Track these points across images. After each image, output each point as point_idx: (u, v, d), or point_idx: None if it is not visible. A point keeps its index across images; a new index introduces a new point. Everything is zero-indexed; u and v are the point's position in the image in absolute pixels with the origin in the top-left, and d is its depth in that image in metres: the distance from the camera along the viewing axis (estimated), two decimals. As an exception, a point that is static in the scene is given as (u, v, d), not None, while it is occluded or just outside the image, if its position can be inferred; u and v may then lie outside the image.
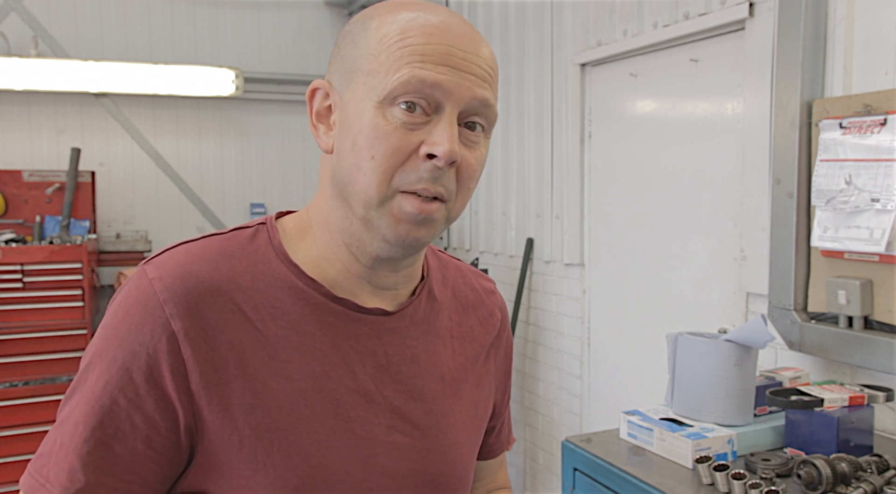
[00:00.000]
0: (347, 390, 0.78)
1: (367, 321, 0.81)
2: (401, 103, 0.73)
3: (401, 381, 0.82)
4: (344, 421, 0.77)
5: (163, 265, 0.75)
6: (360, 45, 0.77)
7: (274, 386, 0.74)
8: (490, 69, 0.77)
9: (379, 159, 0.73)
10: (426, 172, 0.73)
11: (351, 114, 0.76)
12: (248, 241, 0.80)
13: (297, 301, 0.77)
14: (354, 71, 0.76)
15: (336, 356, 0.78)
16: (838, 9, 1.84)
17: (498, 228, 3.66)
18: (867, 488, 1.35)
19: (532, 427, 3.46)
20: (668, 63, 2.51)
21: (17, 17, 3.82)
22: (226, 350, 0.73)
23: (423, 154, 0.73)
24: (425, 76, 0.72)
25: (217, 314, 0.74)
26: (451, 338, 0.89)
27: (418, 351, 0.84)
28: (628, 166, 2.73)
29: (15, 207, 3.84)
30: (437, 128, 0.73)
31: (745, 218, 2.16)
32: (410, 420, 0.82)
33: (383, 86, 0.73)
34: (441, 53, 0.73)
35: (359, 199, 0.75)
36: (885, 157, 1.66)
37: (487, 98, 0.76)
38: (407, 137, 0.73)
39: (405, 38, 0.73)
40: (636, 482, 1.52)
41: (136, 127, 4.22)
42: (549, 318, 3.29)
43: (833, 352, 1.81)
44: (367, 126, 0.73)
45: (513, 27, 3.43)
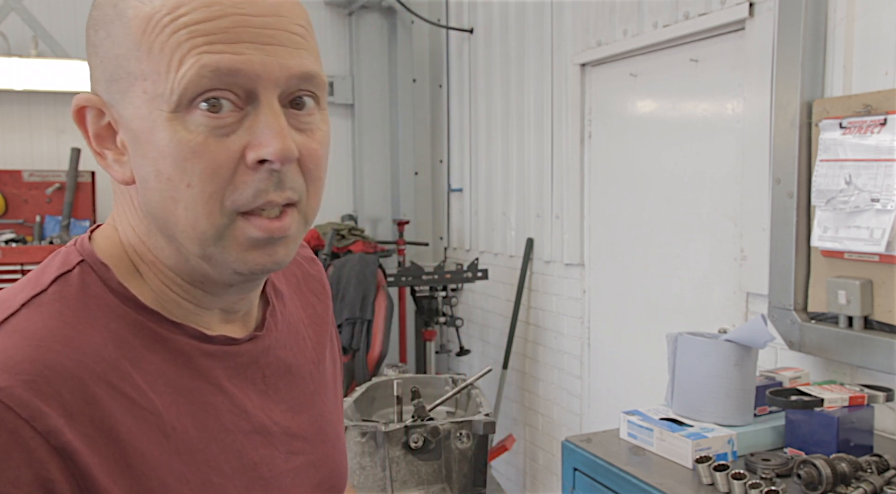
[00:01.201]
0: (244, 434, 0.67)
1: (243, 351, 0.69)
2: (200, 105, 0.57)
3: (282, 400, 0.73)
4: (252, 471, 0.67)
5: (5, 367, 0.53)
6: (120, 40, 0.59)
7: (178, 467, 0.60)
8: (301, 28, 0.61)
9: (198, 185, 0.57)
10: (263, 182, 0.59)
11: (140, 134, 0.59)
12: (81, 295, 0.61)
13: (167, 354, 0.63)
14: (123, 76, 0.59)
15: (225, 402, 0.66)
16: (838, 9, 1.84)
17: (498, 228, 3.66)
18: (867, 488, 1.35)
19: (532, 427, 3.46)
20: (668, 63, 2.51)
21: (17, 17, 3.82)
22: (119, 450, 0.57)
23: (252, 161, 0.58)
24: (219, 62, 0.56)
25: (99, 408, 0.56)
26: (305, 327, 0.81)
27: (289, 360, 0.75)
28: (628, 166, 2.73)
29: (15, 207, 3.84)
30: (257, 125, 0.58)
31: (745, 218, 2.16)
32: (300, 436, 0.74)
33: (169, 90, 0.56)
34: (231, 26, 0.56)
35: (189, 237, 0.60)
36: (885, 157, 1.66)
37: (307, 69, 0.60)
38: (222, 146, 0.58)
39: (178, 18, 0.56)
40: (636, 482, 1.52)
41: (136, 127, 4.22)
42: (549, 318, 3.29)
43: (833, 352, 1.80)
44: (165, 147, 0.57)
45: (513, 27, 3.43)
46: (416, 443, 1.83)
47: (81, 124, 0.64)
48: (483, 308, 3.88)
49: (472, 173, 3.93)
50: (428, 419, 1.94)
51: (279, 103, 0.59)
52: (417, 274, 3.44)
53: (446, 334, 4.12)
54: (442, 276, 3.47)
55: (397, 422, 1.94)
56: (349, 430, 1.86)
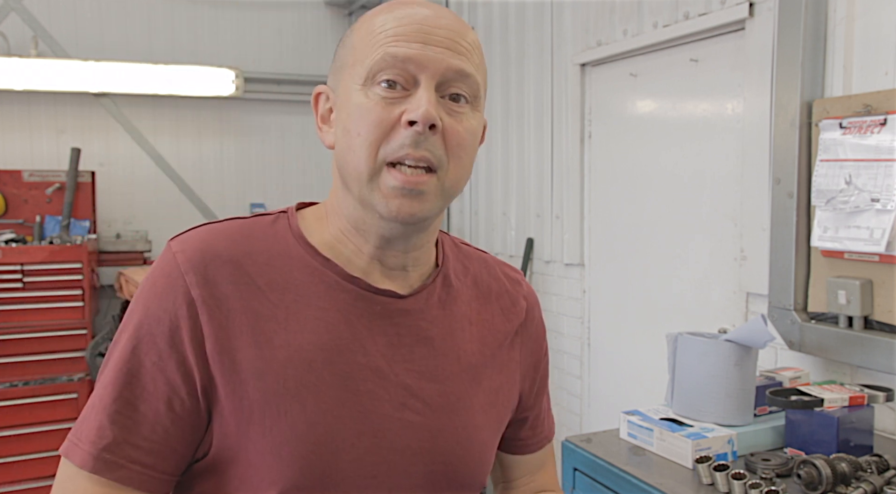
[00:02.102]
0: (358, 365, 0.80)
1: (379, 301, 0.83)
2: (381, 82, 0.77)
3: (413, 361, 0.84)
4: (352, 394, 0.79)
5: (186, 240, 0.81)
6: (347, 45, 0.84)
7: (283, 355, 0.77)
8: (468, 45, 0.81)
9: (364, 134, 0.77)
10: (408, 138, 0.76)
11: (342, 104, 0.81)
12: (268, 225, 0.85)
13: (311, 277, 0.81)
14: (343, 67, 0.83)
15: (347, 331, 0.81)
16: (838, 9, 1.84)
17: (498, 228, 3.66)
18: (867, 488, 1.35)
19: (532, 427, 3.46)
20: (668, 63, 2.51)
21: (17, 17, 3.83)
22: (239, 318, 0.77)
23: (405, 121, 0.76)
24: (396, 51, 0.77)
25: (232, 284, 0.78)
26: (469, 324, 0.91)
27: (432, 333, 0.86)
28: (628, 166, 2.73)
29: (15, 207, 3.84)
30: (414, 99, 0.77)
31: (745, 218, 2.16)
32: (423, 399, 0.83)
33: (363, 70, 0.78)
34: (412, 31, 0.78)
35: (354, 180, 0.79)
36: (885, 157, 1.66)
37: (463, 67, 0.79)
38: (388, 110, 0.77)
39: (384, 28, 0.79)
40: (636, 482, 1.52)
41: (136, 127, 4.22)
42: (548, 318, 3.29)
43: (833, 352, 1.80)
44: (353, 109, 0.78)
45: (513, 27, 3.43)
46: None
47: (315, 106, 0.87)
48: (483, 308, 3.87)
49: (472, 173, 3.92)
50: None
51: (438, 92, 0.78)
52: (417, 274, 3.44)
53: (446, 334, 4.12)
54: (442, 276, 3.47)
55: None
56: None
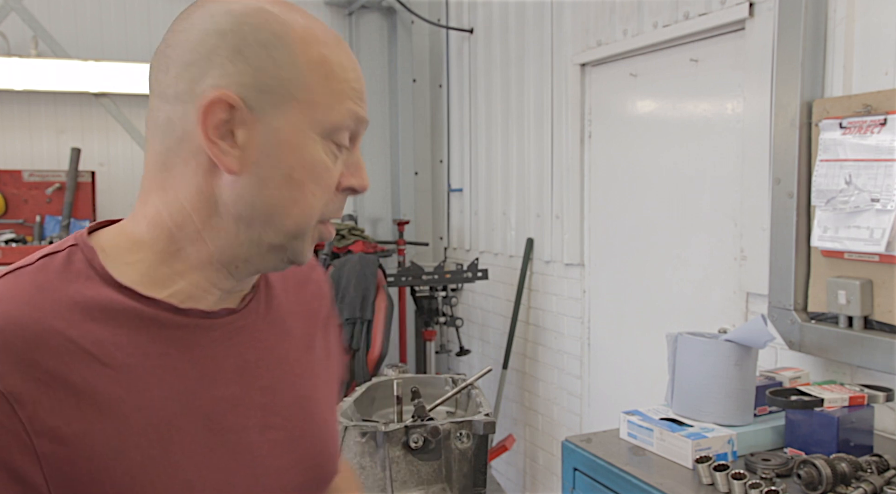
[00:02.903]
0: (214, 401, 0.73)
1: (217, 325, 0.76)
2: (335, 138, 0.74)
3: (262, 376, 0.79)
4: (218, 435, 0.73)
5: None
6: (285, 65, 0.71)
7: (138, 422, 0.67)
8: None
9: (319, 196, 0.74)
10: (342, 202, 0.78)
11: (287, 143, 0.71)
12: (63, 269, 0.69)
13: (138, 324, 0.70)
14: (282, 93, 0.71)
15: (194, 370, 0.72)
16: (838, 9, 1.84)
17: (498, 228, 3.66)
18: (867, 488, 1.35)
19: (532, 427, 3.46)
20: (668, 63, 2.51)
21: (17, 17, 3.82)
22: (74, 398, 0.64)
23: (345, 187, 0.76)
24: (359, 112, 0.75)
25: (55, 360, 0.63)
26: (293, 319, 0.88)
27: (270, 342, 0.82)
28: (628, 166, 2.73)
29: (15, 207, 3.83)
30: (352, 161, 0.77)
31: (745, 218, 2.16)
32: (279, 412, 0.80)
33: (327, 120, 0.73)
34: (360, 88, 0.77)
35: (282, 230, 0.73)
36: (885, 157, 1.66)
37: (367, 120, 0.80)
38: (335, 171, 0.75)
39: (343, 71, 0.74)
40: (636, 482, 1.52)
41: (136, 127, 4.22)
42: (549, 318, 3.29)
43: (833, 352, 1.80)
44: (308, 161, 0.72)
45: (513, 27, 3.43)
46: (416, 443, 1.83)
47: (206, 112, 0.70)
48: (483, 308, 3.88)
49: (472, 173, 3.93)
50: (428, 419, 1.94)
51: None
52: (417, 274, 3.44)
53: (446, 334, 4.12)
54: (442, 276, 3.47)
55: (397, 422, 1.94)
56: (349, 430, 1.86)
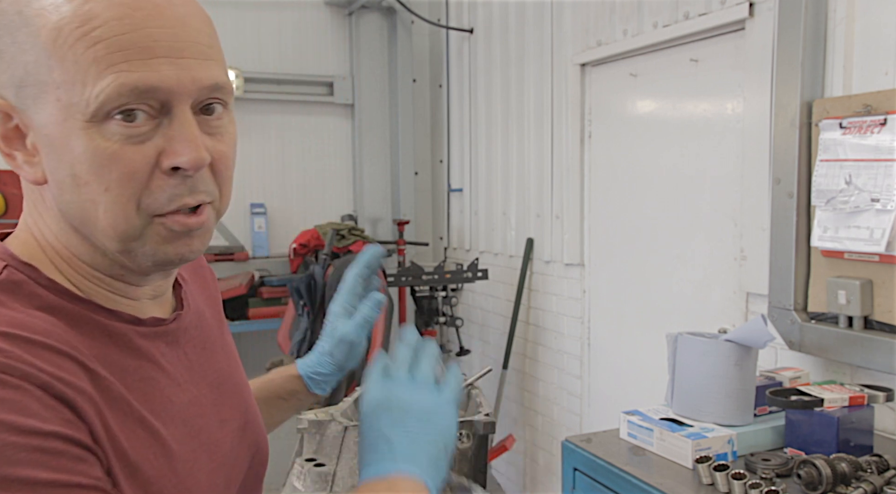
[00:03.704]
0: (184, 405, 0.72)
1: (170, 331, 0.74)
2: (115, 115, 0.59)
3: (206, 374, 0.78)
4: (196, 438, 0.72)
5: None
6: (28, 47, 0.60)
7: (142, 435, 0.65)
8: (207, 37, 0.64)
9: (115, 189, 0.61)
10: (177, 187, 0.63)
11: (56, 139, 0.61)
12: (16, 293, 0.63)
13: (107, 338, 0.66)
14: (33, 83, 0.60)
15: (163, 377, 0.70)
16: (838, 9, 1.84)
17: (498, 228, 3.66)
18: (867, 488, 1.35)
19: (532, 427, 3.46)
20: (668, 63, 2.51)
21: (17, 17, 3.83)
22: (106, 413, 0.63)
23: (167, 168, 0.62)
24: (137, 81, 0.59)
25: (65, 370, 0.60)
26: (208, 309, 0.87)
27: (203, 338, 0.81)
28: (628, 166, 2.73)
29: (15, 207, 3.83)
30: (172, 134, 0.62)
31: (745, 218, 2.16)
32: (228, 404, 0.80)
33: (85, 103, 0.59)
34: (145, 41, 0.59)
35: (109, 237, 0.63)
36: (885, 157, 1.66)
37: (217, 79, 0.64)
38: (138, 153, 0.61)
39: (91, 31, 0.58)
40: (636, 482, 1.52)
41: (136, 127, 4.22)
42: (549, 318, 3.29)
43: (833, 352, 1.80)
44: (84, 153, 0.60)
45: (513, 27, 3.43)
46: (416, 443, 1.82)
47: None
48: (483, 308, 3.88)
49: (472, 173, 3.93)
50: (428, 419, 1.93)
51: (191, 111, 0.63)
52: (417, 274, 3.44)
53: (446, 334, 4.12)
54: (442, 276, 3.47)
55: (397, 422, 1.94)
56: (349, 430, 1.86)
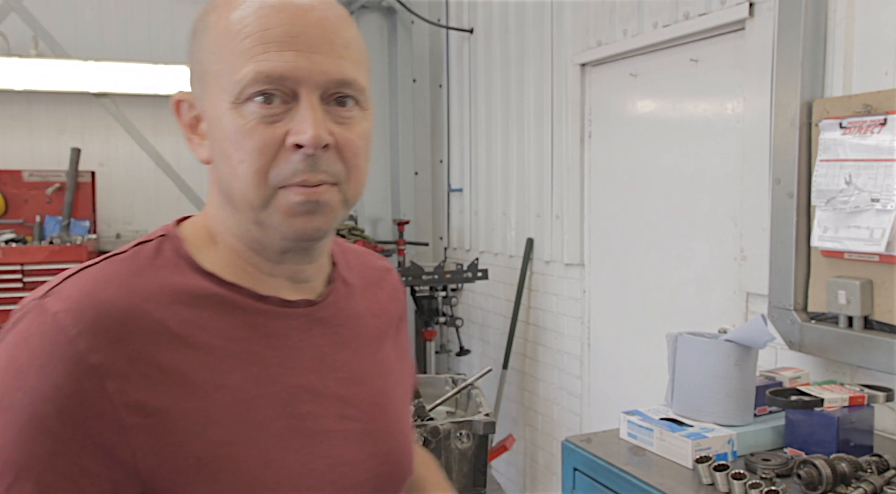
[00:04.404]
0: (292, 387, 0.76)
1: (296, 315, 0.79)
2: (254, 98, 0.70)
3: (339, 369, 0.81)
4: (296, 419, 0.75)
5: (67, 296, 0.67)
6: (204, 46, 0.74)
7: (221, 401, 0.70)
8: (344, 40, 0.73)
9: (248, 161, 0.71)
10: (300, 163, 0.71)
11: (213, 120, 0.73)
12: (154, 256, 0.74)
13: (222, 309, 0.74)
14: (205, 74, 0.74)
15: (274, 356, 0.75)
16: (838, 9, 1.84)
17: (498, 228, 3.66)
18: (867, 488, 1.35)
19: (532, 427, 3.46)
20: (668, 63, 2.51)
21: (17, 17, 3.82)
22: (161, 375, 0.67)
23: (290, 145, 0.70)
24: (270, 68, 0.69)
25: (143, 338, 0.67)
26: (370, 318, 0.89)
27: (347, 336, 0.84)
28: (628, 166, 2.73)
29: (15, 207, 3.84)
30: (297, 116, 0.70)
31: (745, 218, 2.16)
32: (356, 405, 0.81)
33: (232, 86, 0.70)
34: (282, 37, 0.70)
35: (244, 205, 0.73)
36: (885, 157, 1.66)
37: (344, 75, 0.72)
38: (270, 131, 0.70)
39: (244, 28, 0.70)
40: (636, 482, 1.52)
41: (136, 127, 4.22)
42: (549, 318, 3.29)
43: (833, 352, 1.80)
44: (229, 130, 0.71)
45: (513, 27, 3.43)
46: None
47: (178, 115, 0.79)
48: (483, 308, 3.88)
49: (472, 173, 3.93)
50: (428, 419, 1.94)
51: (322, 101, 0.72)
52: (417, 274, 3.44)
53: (446, 334, 4.12)
54: (442, 276, 3.47)
55: (397, 422, 1.94)
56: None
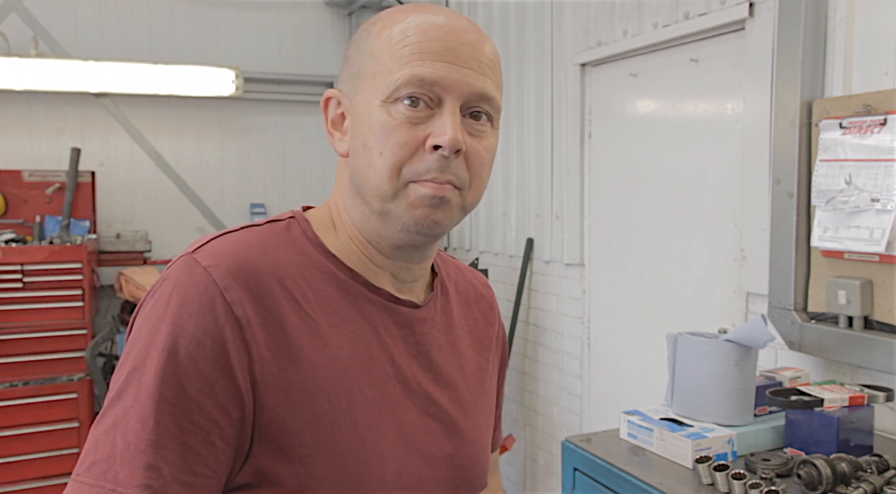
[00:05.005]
0: (388, 375, 0.81)
1: (401, 311, 0.84)
2: (404, 100, 0.76)
3: (430, 370, 0.86)
4: (388, 406, 0.80)
5: (215, 253, 0.75)
6: (365, 50, 0.81)
7: (330, 373, 0.76)
8: (490, 61, 0.81)
9: (387, 154, 0.76)
10: (434, 163, 0.76)
11: (360, 116, 0.80)
12: (284, 233, 0.82)
13: (339, 289, 0.81)
14: (361, 75, 0.81)
15: (377, 343, 0.81)
16: (838, 9, 1.84)
17: (498, 228, 3.66)
18: (867, 488, 1.35)
19: (532, 427, 3.46)
20: (668, 63, 2.51)
21: (17, 17, 3.82)
22: (284, 337, 0.74)
23: (430, 146, 0.76)
24: (424, 73, 0.76)
25: (274, 301, 0.75)
26: (464, 331, 0.94)
27: (442, 341, 0.89)
28: (628, 166, 2.73)
29: (15, 207, 3.84)
30: (439, 120, 0.77)
31: (745, 218, 2.16)
32: (441, 406, 0.86)
33: (386, 85, 0.77)
34: (438, 49, 0.77)
35: (374, 195, 0.79)
36: (885, 157, 1.66)
37: (486, 90, 0.79)
38: (412, 131, 0.76)
39: (405, 38, 0.78)
40: (636, 482, 1.52)
41: (136, 127, 4.22)
42: (549, 318, 3.29)
43: (833, 352, 1.80)
44: (375, 125, 0.77)
45: (513, 27, 3.43)
46: (416, 443, 1.83)
47: (325, 110, 0.86)
48: (483, 308, 3.87)
49: (472, 173, 3.92)
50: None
51: (460, 111, 0.78)
52: (417, 274, 3.44)
53: (446, 334, 4.12)
54: (442, 276, 3.47)
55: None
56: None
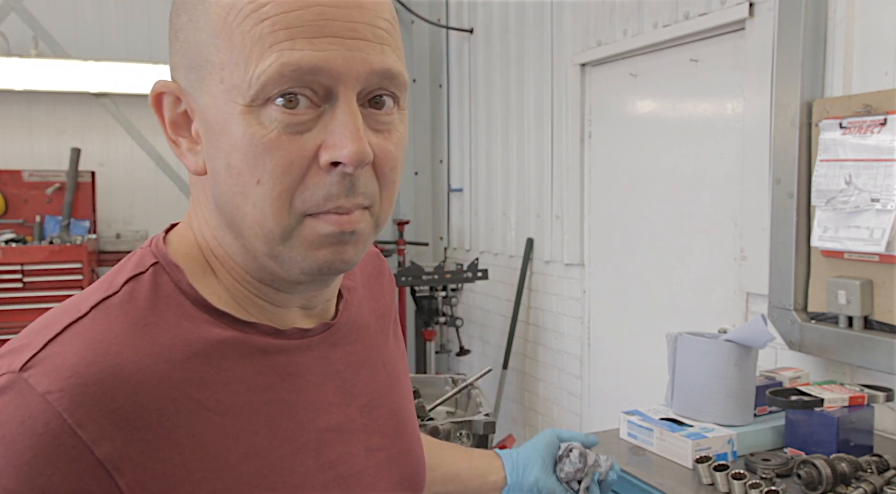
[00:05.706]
0: (320, 432, 0.65)
1: (314, 344, 0.67)
2: (276, 100, 0.54)
3: (359, 395, 0.71)
4: (330, 468, 0.65)
5: (56, 367, 0.52)
6: (201, 25, 0.57)
7: (249, 470, 0.59)
8: (385, 21, 0.58)
9: (268, 183, 0.55)
10: (335, 186, 0.56)
11: (215, 125, 0.57)
12: (152, 297, 0.59)
13: (241, 355, 0.61)
14: (202, 63, 0.57)
15: (299, 400, 0.64)
16: (838, 9, 1.84)
17: (498, 228, 3.66)
18: (867, 488, 1.35)
19: (532, 427, 3.46)
20: (668, 63, 2.51)
21: (17, 17, 3.82)
22: (181, 455, 0.55)
23: (325, 163, 0.55)
24: (300, 60, 0.53)
25: (159, 412, 0.54)
26: (375, 320, 0.79)
27: (362, 353, 0.74)
28: (628, 166, 2.73)
29: (15, 207, 3.84)
30: (333, 124, 0.55)
31: (745, 218, 2.16)
32: (379, 431, 0.72)
33: (247, 83, 0.54)
34: (313, 19, 0.54)
35: (256, 235, 0.58)
36: (885, 157, 1.66)
37: (390, 66, 0.58)
38: (296, 144, 0.55)
39: (260, 7, 0.54)
40: (636, 482, 1.52)
41: (136, 127, 4.22)
42: (549, 318, 3.29)
43: (833, 352, 1.80)
44: (238, 140, 0.55)
45: (513, 27, 3.43)
46: (416, 443, 1.82)
47: (158, 111, 0.62)
48: (483, 308, 3.88)
49: (472, 173, 3.93)
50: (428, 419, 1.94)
51: (357, 102, 0.57)
52: (417, 274, 3.44)
53: (446, 334, 4.12)
54: (442, 276, 3.47)
55: (397, 422, 1.94)
56: None
